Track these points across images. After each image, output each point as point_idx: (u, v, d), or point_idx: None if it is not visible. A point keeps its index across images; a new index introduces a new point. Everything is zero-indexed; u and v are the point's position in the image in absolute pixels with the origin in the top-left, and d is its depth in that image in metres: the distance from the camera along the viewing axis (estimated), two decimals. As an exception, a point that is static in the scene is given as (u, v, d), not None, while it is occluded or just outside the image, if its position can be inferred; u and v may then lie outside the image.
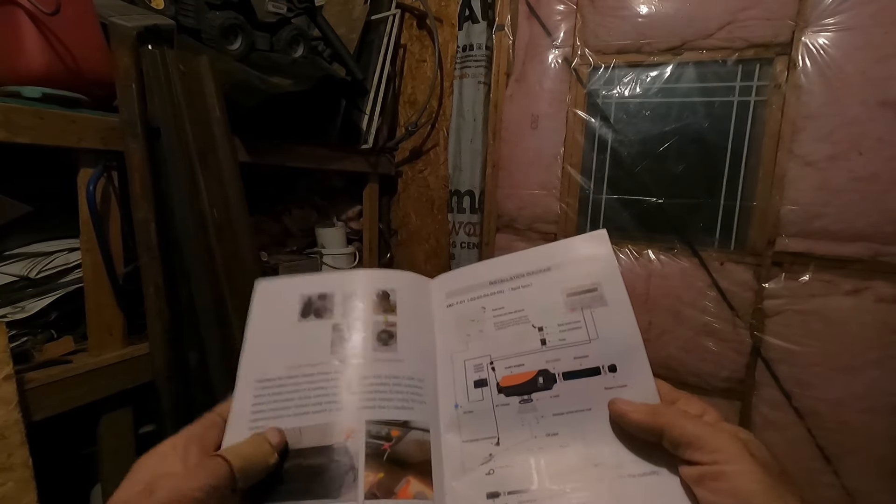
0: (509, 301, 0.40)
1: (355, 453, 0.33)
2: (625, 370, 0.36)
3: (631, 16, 1.29)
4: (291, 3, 1.26)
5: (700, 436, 0.30)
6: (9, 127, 0.72)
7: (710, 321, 1.26)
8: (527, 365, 0.37)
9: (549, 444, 0.35)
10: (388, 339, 0.38)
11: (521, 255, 0.43)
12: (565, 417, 0.35)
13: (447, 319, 0.42)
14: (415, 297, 0.42)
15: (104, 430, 0.90)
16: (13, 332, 0.80)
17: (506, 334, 0.39)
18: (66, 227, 0.87)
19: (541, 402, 0.36)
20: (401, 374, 0.37)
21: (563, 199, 1.42)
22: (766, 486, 0.27)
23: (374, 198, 1.63)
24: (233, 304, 0.97)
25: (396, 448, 0.33)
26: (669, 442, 0.31)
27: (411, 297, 0.42)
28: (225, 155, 0.99)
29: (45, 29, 0.78)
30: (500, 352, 0.38)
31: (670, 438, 0.31)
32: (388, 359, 0.38)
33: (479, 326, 0.40)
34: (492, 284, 0.42)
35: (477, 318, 0.41)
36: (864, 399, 1.13)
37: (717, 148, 1.27)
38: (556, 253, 0.41)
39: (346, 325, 0.39)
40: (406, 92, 1.72)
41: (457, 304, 0.42)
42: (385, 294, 0.41)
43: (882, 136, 1.07)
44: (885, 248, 1.10)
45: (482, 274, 0.43)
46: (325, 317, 0.40)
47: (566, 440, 0.35)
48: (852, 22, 1.08)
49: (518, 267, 0.42)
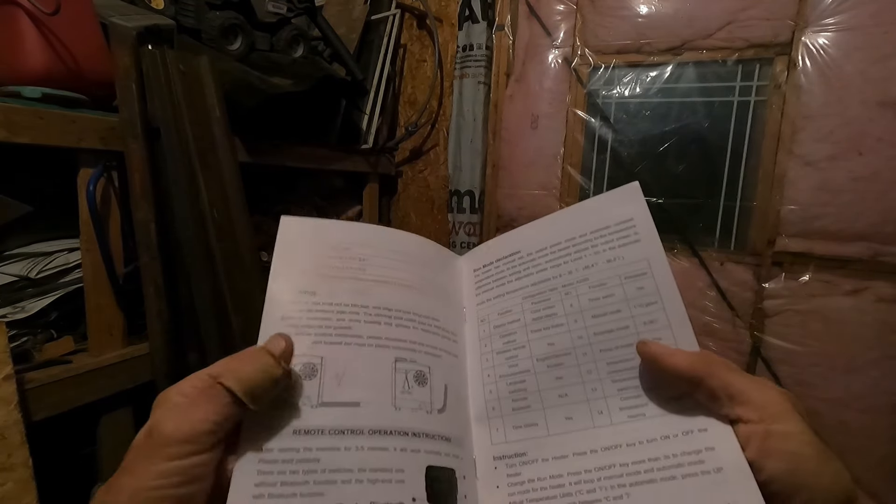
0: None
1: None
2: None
3: (631, 16, 1.29)
4: (291, 3, 1.26)
5: (745, 389, 0.27)
6: (9, 127, 0.72)
7: (710, 321, 1.26)
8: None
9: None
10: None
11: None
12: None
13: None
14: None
15: (104, 430, 0.90)
16: (13, 332, 0.80)
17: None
18: (66, 227, 0.87)
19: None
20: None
21: (563, 199, 1.42)
22: (818, 451, 0.25)
23: (374, 198, 1.63)
24: (233, 304, 0.97)
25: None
26: (707, 393, 0.28)
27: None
28: (225, 155, 0.99)
29: (45, 29, 0.78)
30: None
31: (709, 389, 0.28)
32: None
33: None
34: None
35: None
36: (864, 399, 1.13)
37: (717, 148, 1.27)
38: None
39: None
40: (406, 92, 1.72)
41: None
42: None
43: (882, 136, 1.07)
44: (885, 248, 1.10)
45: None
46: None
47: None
48: (852, 22, 1.08)
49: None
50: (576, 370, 0.34)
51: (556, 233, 0.39)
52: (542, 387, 0.34)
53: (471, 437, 0.34)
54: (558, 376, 0.34)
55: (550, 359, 0.35)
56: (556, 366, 0.34)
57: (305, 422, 0.29)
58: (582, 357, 0.34)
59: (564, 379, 0.34)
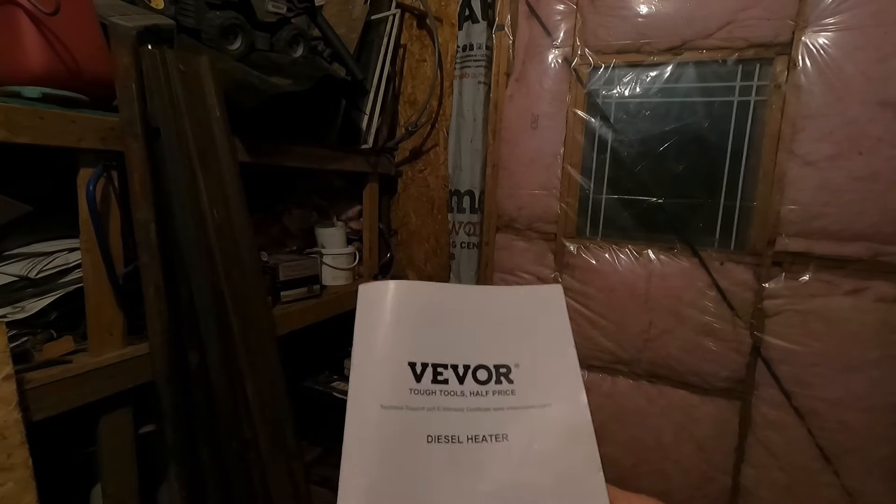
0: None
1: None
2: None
3: (631, 16, 1.29)
4: (291, 3, 1.26)
5: None
6: (9, 127, 0.72)
7: (710, 321, 1.26)
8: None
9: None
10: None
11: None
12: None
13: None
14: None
15: (104, 430, 0.90)
16: (13, 332, 0.80)
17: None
18: (66, 227, 0.87)
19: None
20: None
21: (563, 199, 1.42)
22: None
23: (374, 198, 1.63)
24: (233, 304, 0.97)
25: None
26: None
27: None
28: (225, 155, 0.99)
29: (45, 29, 0.78)
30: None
31: None
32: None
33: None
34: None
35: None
36: (864, 399, 1.13)
37: (717, 148, 1.27)
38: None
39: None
40: (406, 92, 1.72)
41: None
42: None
43: (882, 135, 1.07)
44: (885, 248, 1.10)
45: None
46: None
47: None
48: (852, 22, 1.08)
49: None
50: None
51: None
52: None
53: None
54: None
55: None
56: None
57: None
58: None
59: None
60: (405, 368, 0.32)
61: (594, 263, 1.38)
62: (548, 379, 0.33)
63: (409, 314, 0.34)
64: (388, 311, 0.33)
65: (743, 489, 1.27)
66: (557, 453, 0.30)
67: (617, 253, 1.35)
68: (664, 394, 1.32)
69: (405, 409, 0.30)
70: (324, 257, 1.47)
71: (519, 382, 0.33)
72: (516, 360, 0.34)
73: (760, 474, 1.25)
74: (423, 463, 0.29)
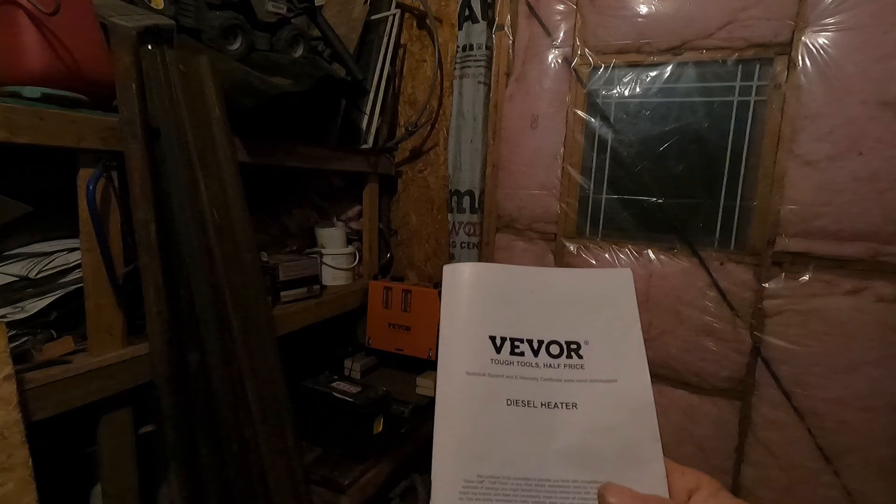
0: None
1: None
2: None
3: (631, 16, 1.29)
4: (291, 3, 1.26)
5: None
6: (9, 127, 0.72)
7: (710, 321, 1.26)
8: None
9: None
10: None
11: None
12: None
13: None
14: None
15: (104, 430, 0.90)
16: (13, 332, 0.80)
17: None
18: (66, 227, 0.87)
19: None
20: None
21: (563, 199, 1.42)
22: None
23: (374, 198, 1.63)
24: (233, 304, 0.97)
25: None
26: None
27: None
28: (225, 155, 0.99)
29: (45, 29, 0.77)
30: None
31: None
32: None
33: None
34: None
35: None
36: (864, 398, 1.13)
37: (717, 148, 1.27)
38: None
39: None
40: (406, 92, 1.72)
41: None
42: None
43: (882, 136, 1.07)
44: (885, 248, 1.10)
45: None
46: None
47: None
48: (852, 22, 1.08)
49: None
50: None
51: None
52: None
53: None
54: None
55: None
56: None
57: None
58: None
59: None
60: (486, 341, 0.35)
61: (594, 263, 1.38)
62: (615, 357, 0.36)
63: (489, 293, 0.37)
64: (471, 290, 0.37)
65: (743, 489, 1.27)
66: (622, 423, 0.34)
67: (617, 253, 1.35)
68: (664, 394, 1.32)
69: (487, 376, 0.34)
70: (324, 257, 1.47)
71: (588, 358, 0.36)
72: (586, 337, 0.36)
73: (760, 474, 1.25)
74: (503, 422, 0.33)
